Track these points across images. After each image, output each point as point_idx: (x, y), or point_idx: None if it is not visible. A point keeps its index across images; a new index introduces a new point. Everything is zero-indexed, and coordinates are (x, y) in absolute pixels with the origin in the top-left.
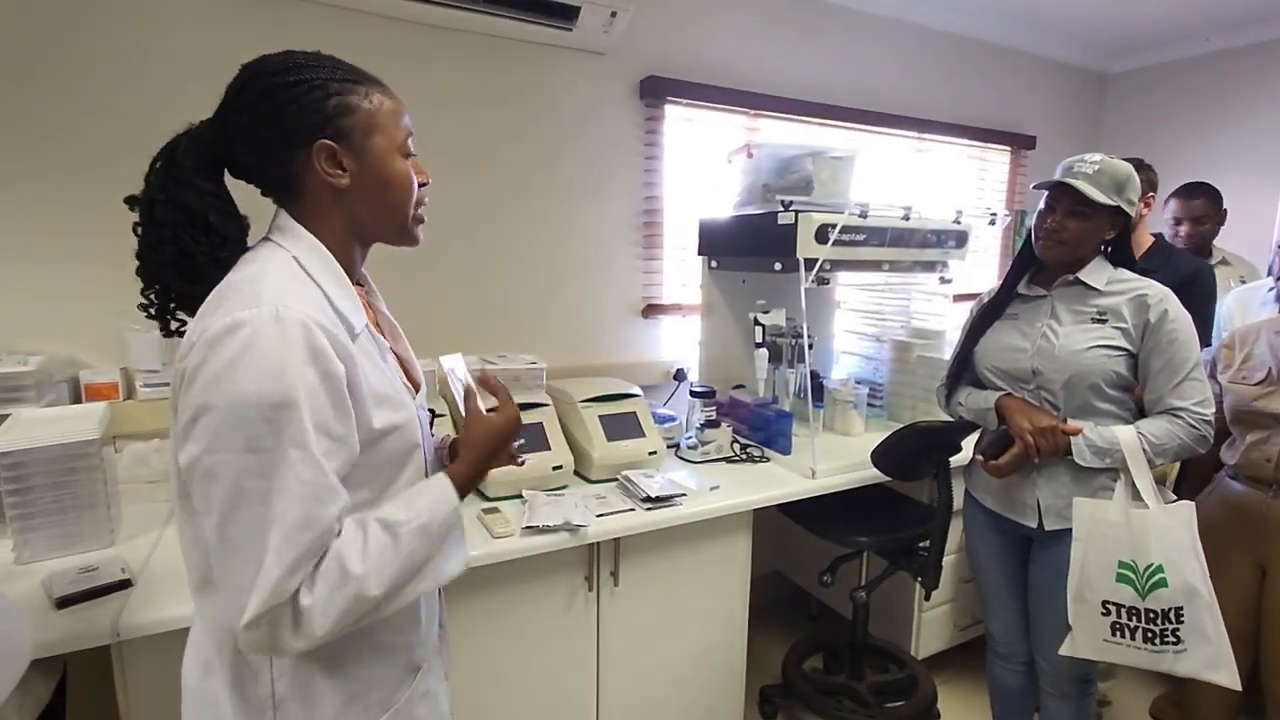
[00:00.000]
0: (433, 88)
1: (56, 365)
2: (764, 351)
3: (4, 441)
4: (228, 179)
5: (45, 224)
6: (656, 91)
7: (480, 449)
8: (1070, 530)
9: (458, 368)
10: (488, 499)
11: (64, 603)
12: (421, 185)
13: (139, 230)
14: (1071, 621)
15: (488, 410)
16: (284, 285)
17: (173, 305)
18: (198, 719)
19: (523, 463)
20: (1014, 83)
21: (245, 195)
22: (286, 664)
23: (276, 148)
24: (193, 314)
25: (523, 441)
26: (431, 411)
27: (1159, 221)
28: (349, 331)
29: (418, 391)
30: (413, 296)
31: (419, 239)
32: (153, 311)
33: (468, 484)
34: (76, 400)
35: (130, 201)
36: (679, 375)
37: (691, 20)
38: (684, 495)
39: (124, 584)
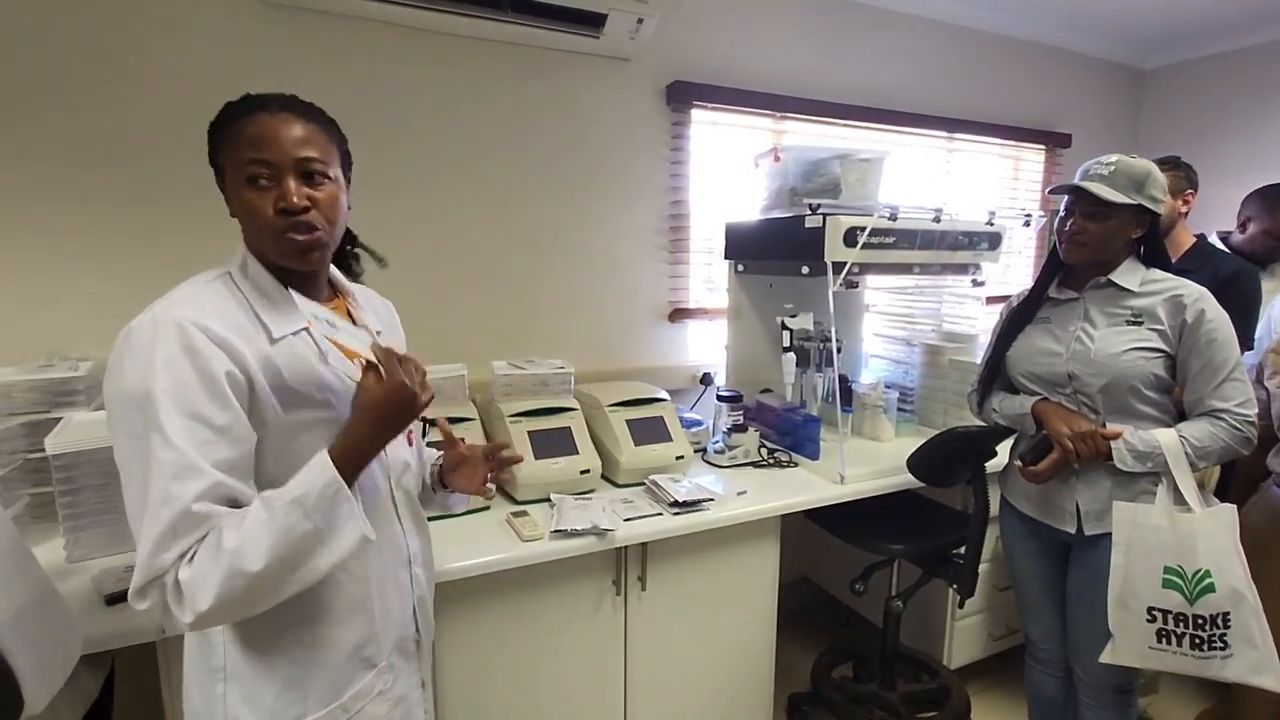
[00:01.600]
0: (461, 97)
1: (104, 370)
2: (791, 356)
3: (56, 444)
4: None
5: (95, 240)
6: (682, 96)
7: (358, 416)
8: (1110, 535)
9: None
10: (516, 502)
11: (113, 600)
12: (283, 212)
13: None
14: (1113, 629)
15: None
16: (184, 297)
17: None
18: (185, 682)
19: (492, 495)
20: (1048, 80)
21: None
22: (235, 641)
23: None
24: None
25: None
26: (423, 420)
27: (1212, 221)
28: (268, 335)
29: None
30: (443, 303)
31: (305, 264)
32: None
33: (347, 455)
34: None
35: None
36: (705, 379)
37: (718, 24)
38: (711, 500)
39: None
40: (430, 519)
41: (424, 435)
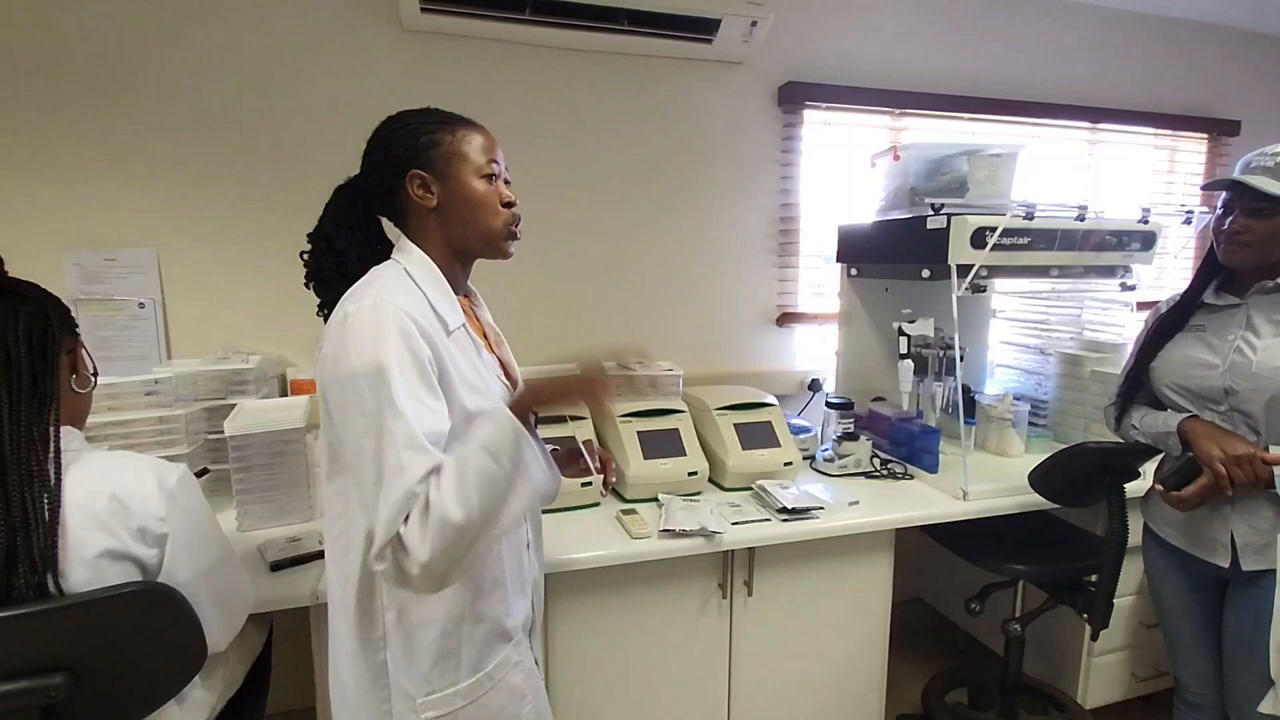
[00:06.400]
0: (575, 106)
1: (270, 364)
2: (909, 363)
3: (233, 426)
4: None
5: (263, 251)
6: (795, 97)
7: (548, 382)
8: (1273, 572)
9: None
10: (625, 500)
11: (276, 567)
12: (507, 205)
13: (303, 255)
14: (1275, 676)
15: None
16: (388, 287)
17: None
18: (334, 655)
19: (587, 475)
20: (1210, 61)
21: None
22: (394, 615)
23: (386, 180)
24: None
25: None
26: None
27: None
28: (444, 328)
29: (514, 388)
30: (557, 304)
31: (509, 253)
32: (324, 316)
33: (525, 403)
34: (284, 394)
35: (309, 237)
36: (814, 385)
37: (833, 21)
38: (821, 509)
39: (322, 554)
40: (542, 512)
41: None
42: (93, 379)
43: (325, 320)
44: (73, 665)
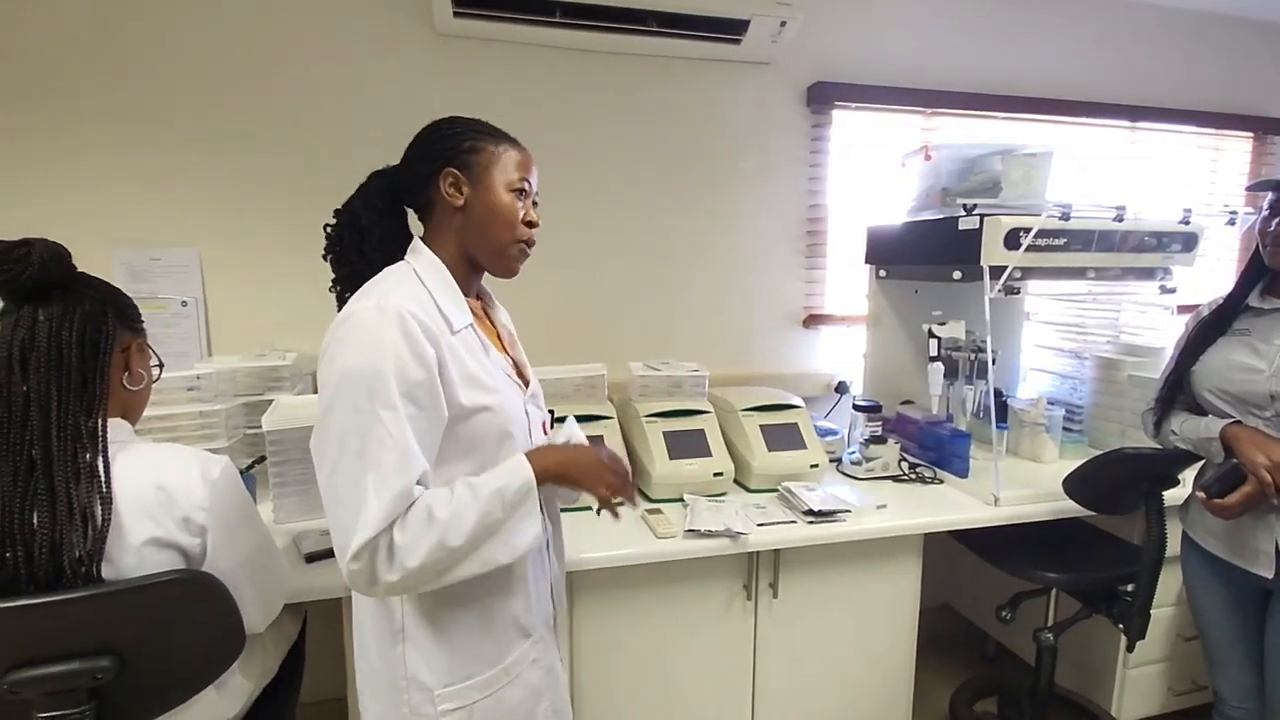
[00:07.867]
0: (602, 108)
1: (306, 361)
2: (939, 366)
3: (271, 421)
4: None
5: (303, 249)
6: (824, 98)
7: (565, 450)
8: None
9: (575, 432)
10: (650, 500)
11: (311, 558)
12: (528, 224)
13: (326, 227)
14: None
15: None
16: (394, 287)
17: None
18: (357, 642)
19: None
20: (1256, 57)
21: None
22: (413, 607)
23: (422, 171)
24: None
25: (620, 499)
26: (551, 412)
27: None
28: (449, 327)
29: (527, 387)
30: (586, 305)
31: (514, 271)
32: (335, 293)
33: (543, 468)
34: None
35: (336, 212)
36: (841, 388)
37: (862, 20)
38: (848, 511)
39: None
40: (562, 510)
41: (551, 428)
42: (151, 372)
43: (336, 298)
44: (119, 649)
